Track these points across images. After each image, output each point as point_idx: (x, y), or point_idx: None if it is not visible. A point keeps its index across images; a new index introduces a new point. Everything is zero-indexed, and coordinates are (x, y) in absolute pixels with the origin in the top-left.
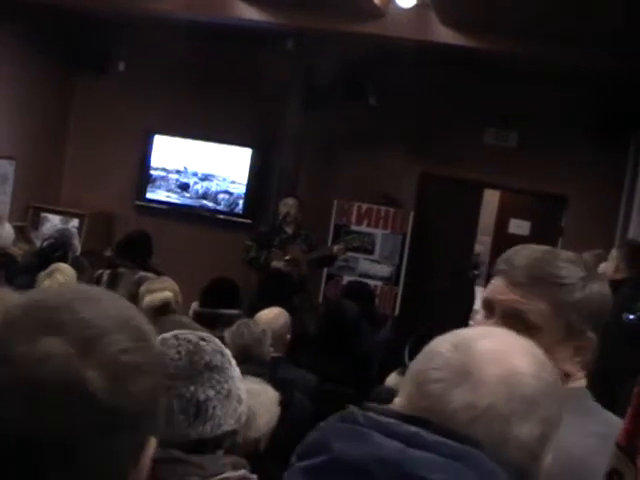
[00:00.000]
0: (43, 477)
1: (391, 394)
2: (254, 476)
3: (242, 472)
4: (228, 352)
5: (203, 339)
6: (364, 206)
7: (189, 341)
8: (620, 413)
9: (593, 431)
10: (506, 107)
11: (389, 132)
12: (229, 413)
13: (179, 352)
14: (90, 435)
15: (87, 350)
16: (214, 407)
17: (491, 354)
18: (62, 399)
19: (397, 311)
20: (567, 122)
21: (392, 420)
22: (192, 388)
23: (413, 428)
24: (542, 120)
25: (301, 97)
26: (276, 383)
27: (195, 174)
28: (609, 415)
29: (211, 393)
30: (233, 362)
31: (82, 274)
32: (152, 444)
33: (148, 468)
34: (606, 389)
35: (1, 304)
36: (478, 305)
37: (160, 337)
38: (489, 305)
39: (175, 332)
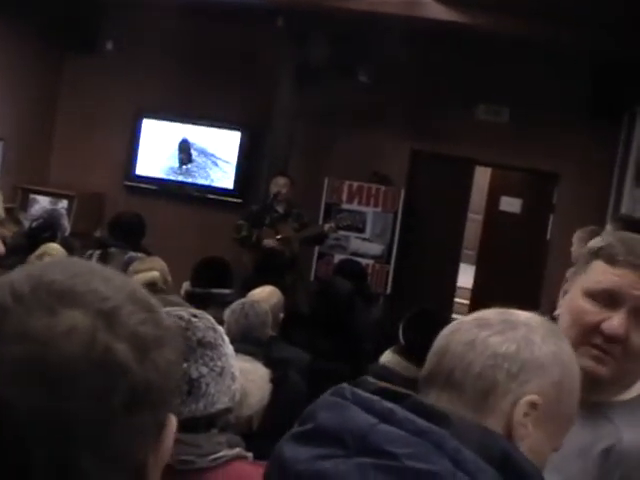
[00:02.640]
0: (74, 464)
1: (385, 371)
2: (249, 454)
3: (238, 450)
4: (221, 329)
5: (195, 315)
6: (355, 184)
7: (181, 317)
8: None
9: None
10: (498, 83)
11: (380, 110)
12: (223, 391)
13: None
14: (120, 412)
15: (110, 322)
16: (207, 384)
17: None
18: (94, 376)
19: (389, 289)
20: (559, 99)
21: (375, 397)
22: (185, 365)
23: (390, 405)
24: (534, 97)
25: (292, 75)
26: (270, 362)
27: (186, 153)
28: None
29: (204, 370)
30: (226, 339)
31: (72, 254)
32: (173, 422)
33: (170, 448)
34: None
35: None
36: (462, 282)
37: None
38: (613, 296)
39: (167, 309)
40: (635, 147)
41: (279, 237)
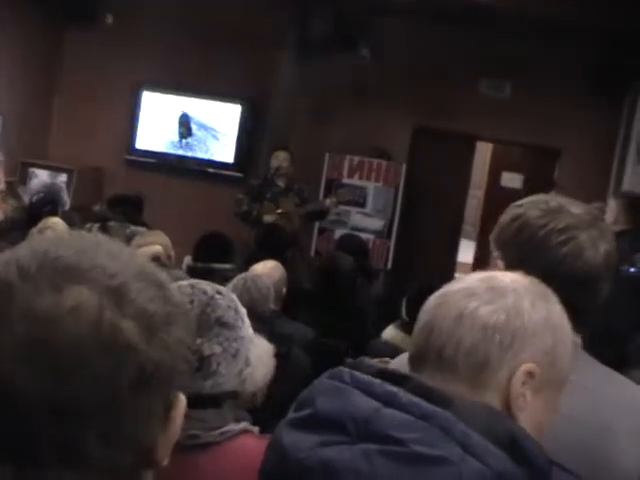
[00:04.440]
0: (80, 446)
1: (388, 347)
2: (255, 428)
3: (244, 424)
4: (243, 310)
5: (219, 292)
6: (356, 159)
7: (204, 292)
8: (634, 365)
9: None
10: (501, 57)
11: (381, 84)
12: (234, 373)
13: (192, 302)
14: (127, 393)
15: (117, 300)
16: (218, 364)
17: None
18: (100, 356)
19: (390, 265)
20: (562, 74)
21: (376, 380)
22: (199, 341)
23: (392, 388)
24: (537, 72)
25: (293, 49)
26: (274, 337)
27: (185, 127)
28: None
29: (217, 349)
30: (247, 321)
31: (72, 229)
32: (182, 401)
33: (180, 427)
34: (613, 346)
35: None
36: (462, 258)
37: (176, 284)
38: None
39: (192, 281)
40: (637, 123)
41: (280, 212)
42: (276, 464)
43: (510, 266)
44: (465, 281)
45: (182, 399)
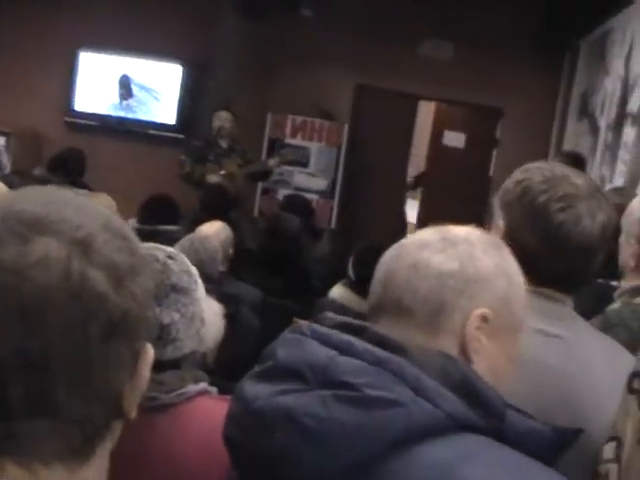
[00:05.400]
0: (51, 397)
1: (335, 306)
2: (214, 389)
3: (202, 385)
4: (195, 271)
5: (170, 257)
6: (298, 119)
7: (157, 260)
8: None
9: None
10: (441, 18)
11: (324, 44)
12: (191, 335)
13: None
14: (97, 343)
15: (85, 250)
16: (177, 330)
17: None
18: (70, 306)
19: (333, 224)
20: (503, 34)
21: (333, 330)
22: (157, 310)
23: (348, 337)
24: (477, 32)
25: (234, 8)
26: (223, 298)
27: (126, 88)
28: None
29: (176, 316)
30: (199, 282)
31: None
32: (149, 351)
33: (147, 376)
34: None
35: None
36: (412, 218)
37: None
38: None
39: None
40: (578, 82)
41: (223, 173)
42: (238, 415)
43: (510, 227)
44: (419, 234)
45: (149, 349)
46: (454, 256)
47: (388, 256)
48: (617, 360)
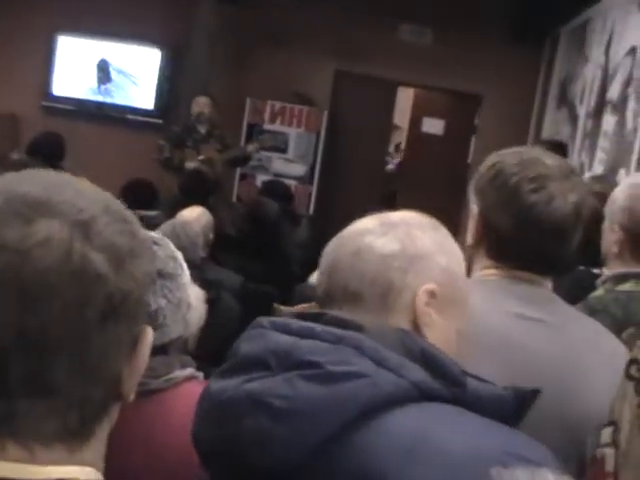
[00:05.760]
0: (50, 377)
1: (314, 291)
2: (200, 374)
3: (189, 371)
4: (180, 256)
5: (156, 243)
6: (277, 105)
7: None
8: None
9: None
10: (421, 3)
11: (303, 29)
12: (178, 320)
13: None
14: (96, 324)
15: (86, 232)
16: (165, 316)
17: None
18: (70, 287)
19: (312, 210)
20: (482, 21)
21: (293, 320)
22: None
23: (307, 323)
24: (457, 18)
25: None
26: (204, 284)
27: (104, 72)
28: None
29: (162, 302)
30: (184, 266)
31: None
32: (148, 334)
33: (146, 360)
34: None
35: None
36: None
37: None
38: None
39: None
40: (557, 70)
41: (202, 158)
42: (206, 412)
43: (484, 211)
44: (359, 222)
45: (149, 331)
46: (395, 238)
47: (331, 246)
48: (600, 341)
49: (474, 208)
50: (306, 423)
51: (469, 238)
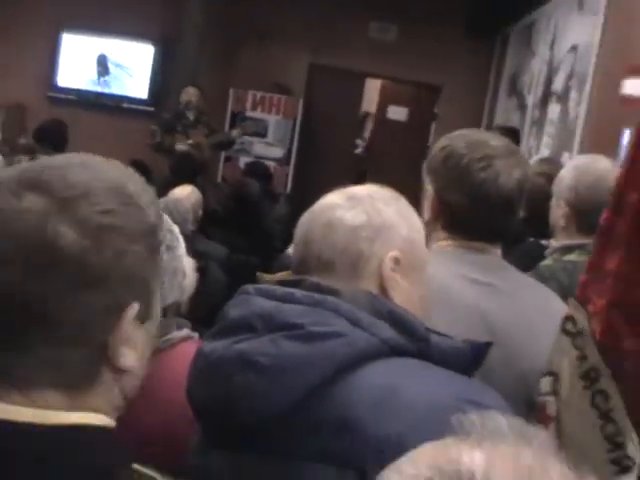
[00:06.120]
0: (22, 334)
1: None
2: (195, 334)
3: (185, 331)
4: (176, 228)
5: None
6: (258, 94)
7: None
8: None
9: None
10: (388, 3)
11: (282, 26)
12: (174, 288)
13: None
14: (61, 288)
15: (66, 208)
16: (163, 283)
17: None
18: (39, 255)
19: (289, 188)
20: (442, 20)
21: (275, 286)
22: None
23: (288, 289)
24: (420, 17)
25: None
26: (194, 254)
27: (103, 66)
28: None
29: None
30: (180, 238)
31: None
32: (133, 308)
33: (131, 331)
34: None
35: None
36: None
37: None
38: None
39: None
40: (508, 64)
41: (190, 142)
42: (199, 370)
43: (439, 190)
44: (328, 198)
45: (133, 307)
46: (362, 211)
47: (304, 219)
48: (548, 304)
49: (429, 189)
50: (289, 378)
51: (425, 215)
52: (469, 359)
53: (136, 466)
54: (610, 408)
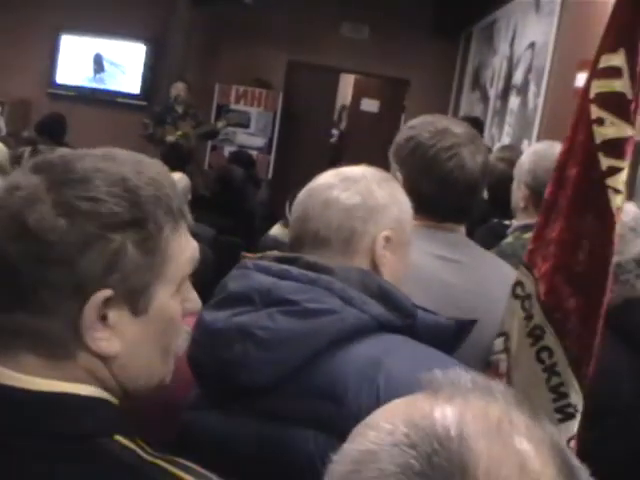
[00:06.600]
0: (4, 296)
1: (275, 242)
2: None
3: None
4: None
5: None
6: (241, 88)
7: None
8: None
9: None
10: (360, 4)
11: (262, 26)
12: None
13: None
14: (29, 260)
15: (54, 189)
16: None
17: None
18: (8, 223)
19: (270, 175)
20: (410, 19)
21: (273, 263)
22: None
23: (285, 266)
24: (390, 16)
25: None
26: None
27: (99, 64)
28: (470, 250)
29: None
30: None
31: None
32: (101, 295)
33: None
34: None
35: None
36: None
37: None
38: None
39: None
40: (471, 60)
41: (179, 133)
42: (200, 338)
43: (408, 178)
44: (324, 177)
45: (101, 293)
46: (356, 192)
47: (302, 197)
48: (505, 276)
49: (398, 175)
50: (284, 350)
51: None
52: (452, 335)
53: (118, 437)
54: (554, 362)
